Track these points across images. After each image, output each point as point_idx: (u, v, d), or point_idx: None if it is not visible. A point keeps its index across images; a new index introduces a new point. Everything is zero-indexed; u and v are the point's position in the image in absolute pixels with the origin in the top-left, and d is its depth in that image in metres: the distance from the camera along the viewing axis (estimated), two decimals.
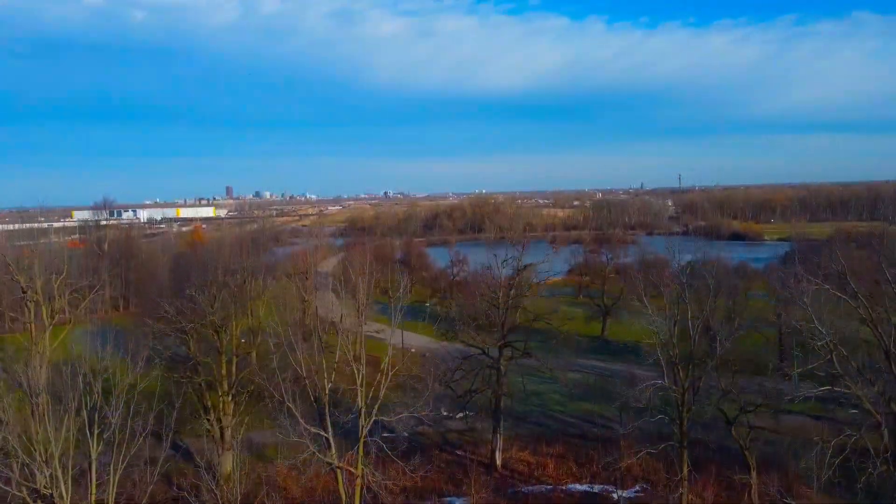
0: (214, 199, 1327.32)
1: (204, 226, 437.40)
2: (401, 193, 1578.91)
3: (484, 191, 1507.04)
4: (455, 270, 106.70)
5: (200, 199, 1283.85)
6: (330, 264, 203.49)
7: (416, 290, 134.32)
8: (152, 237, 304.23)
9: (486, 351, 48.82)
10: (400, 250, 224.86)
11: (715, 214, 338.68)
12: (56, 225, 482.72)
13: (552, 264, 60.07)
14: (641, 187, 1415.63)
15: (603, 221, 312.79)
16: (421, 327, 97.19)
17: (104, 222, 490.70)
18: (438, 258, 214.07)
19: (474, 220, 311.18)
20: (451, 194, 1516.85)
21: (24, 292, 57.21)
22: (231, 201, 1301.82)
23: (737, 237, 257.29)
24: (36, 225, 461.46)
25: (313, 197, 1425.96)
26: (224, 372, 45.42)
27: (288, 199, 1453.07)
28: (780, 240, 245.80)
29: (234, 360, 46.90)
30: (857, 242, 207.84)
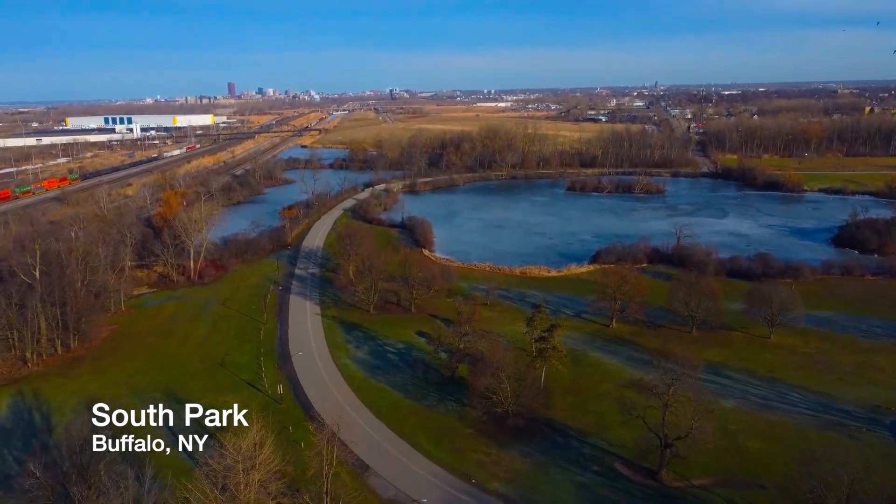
0: (216, 98, 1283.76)
1: (198, 146, 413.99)
2: (406, 91, 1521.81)
3: (493, 91, 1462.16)
4: (464, 330, 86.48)
5: (202, 98, 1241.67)
6: (327, 225, 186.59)
7: (418, 303, 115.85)
8: (125, 189, 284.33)
9: None
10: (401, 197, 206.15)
11: (744, 147, 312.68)
12: (45, 140, 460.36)
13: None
14: (655, 86, 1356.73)
15: (623, 157, 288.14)
16: (428, 436, 71.48)
17: (93, 139, 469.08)
18: (445, 209, 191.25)
19: (484, 155, 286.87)
20: (458, 93, 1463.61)
21: None
22: (232, 100, 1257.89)
23: (772, 185, 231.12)
24: (24, 142, 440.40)
25: (316, 96, 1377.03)
26: None
27: (291, 97, 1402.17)
28: (821, 191, 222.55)
29: None
30: None
